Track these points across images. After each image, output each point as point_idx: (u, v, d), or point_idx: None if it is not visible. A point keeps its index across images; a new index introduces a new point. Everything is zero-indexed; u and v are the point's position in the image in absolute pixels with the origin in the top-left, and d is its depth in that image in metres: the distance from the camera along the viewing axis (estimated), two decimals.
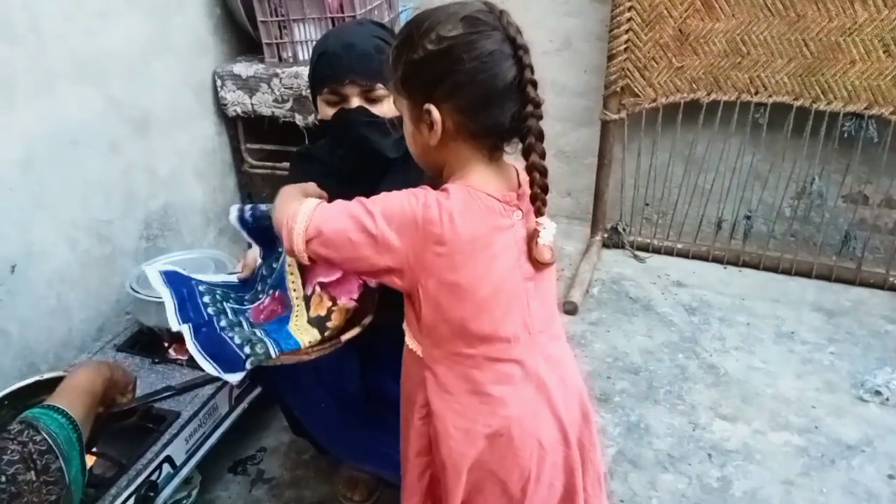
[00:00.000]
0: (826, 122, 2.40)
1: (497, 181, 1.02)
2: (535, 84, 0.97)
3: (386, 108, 1.45)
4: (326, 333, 1.19)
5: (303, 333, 1.19)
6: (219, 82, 2.29)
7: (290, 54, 2.25)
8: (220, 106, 2.34)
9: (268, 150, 2.43)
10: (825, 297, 2.46)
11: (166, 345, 1.84)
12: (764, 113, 2.46)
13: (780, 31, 2.31)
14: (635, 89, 2.55)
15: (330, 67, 1.42)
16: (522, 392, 1.04)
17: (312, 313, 1.21)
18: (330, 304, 1.21)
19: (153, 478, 1.49)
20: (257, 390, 1.86)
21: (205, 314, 1.25)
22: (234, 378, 1.12)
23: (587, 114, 2.75)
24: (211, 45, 2.29)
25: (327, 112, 1.45)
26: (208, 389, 1.68)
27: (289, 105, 2.24)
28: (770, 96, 2.41)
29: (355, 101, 1.43)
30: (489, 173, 1.02)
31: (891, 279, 2.48)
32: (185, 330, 1.19)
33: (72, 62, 1.80)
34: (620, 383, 2.08)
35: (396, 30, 2.45)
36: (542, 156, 0.99)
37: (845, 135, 2.40)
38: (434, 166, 1.06)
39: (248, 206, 1.39)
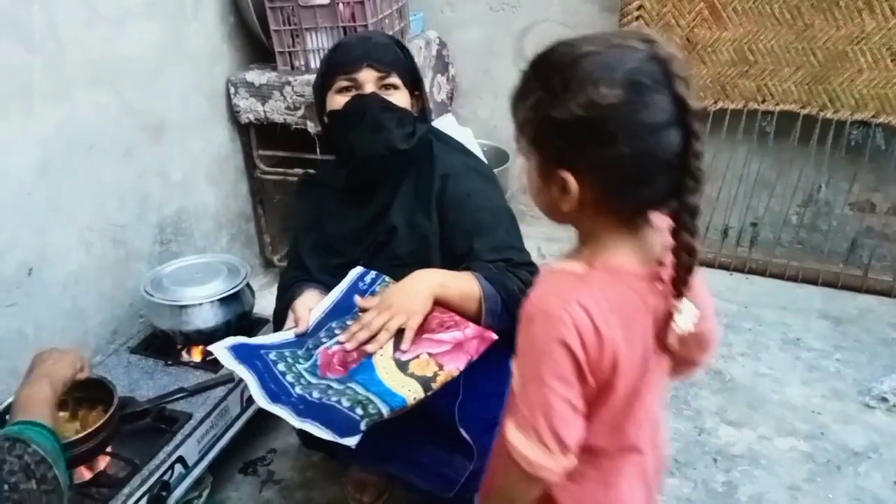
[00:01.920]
0: (833, 131, 2.41)
1: (640, 253, 0.88)
2: (700, 155, 0.81)
3: (398, 98, 1.47)
4: (429, 393, 1.19)
5: (404, 388, 1.18)
6: (232, 89, 2.33)
7: (302, 63, 2.28)
8: (233, 113, 2.37)
9: (279, 157, 2.46)
10: (832, 305, 2.47)
11: (179, 347, 1.87)
12: (771, 121, 2.48)
13: (787, 39, 2.32)
14: None
15: (346, 54, 1.45)
16: (633, 476, 0.97)
17: (418, 372, 1.21)
18: (437, 368, 1.21)
19: (165, 478, 1.51)
20: None
21: (288, 386, 1.24)
22: (353, 441, 1.11)
23: None
24: (224, 52, 2.33)
25: (339, 101, 1.45)
26: (220, 391, 1.71)
27: (300, 112, 2.26)
28: (777, 104, 2.43)
29: (369, 89, 1.44)
30: (631, 246, 0.87)
31: None
32: (283, 412, 1.18)
33: (88, 68, 1.83)
34: None
35: (406, 40, 2.49)
36: (694, 234, 0.84)
37: (852, 143, 2.41)
38: (563, 223, 0.92)
39: (369, 276, 1.42)
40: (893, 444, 1.85)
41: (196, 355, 1.86)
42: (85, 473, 1.47)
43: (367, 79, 1.44)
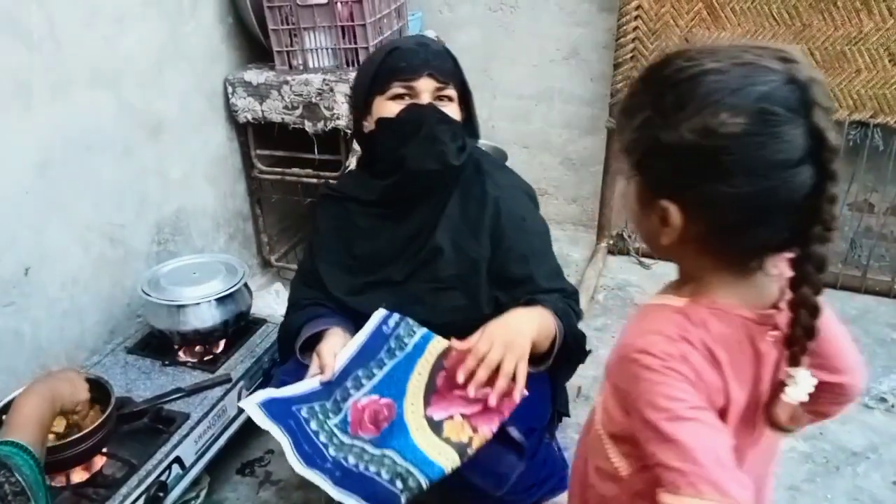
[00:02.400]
0: None
1: (750, 296, 0.78)
2: (835, 199, 0.69)
3: (452, 111, 1.42)
4: (465, 459, 1.19)
5: (441, 457, 1.18)
6: (230, 89, 2.32)
7: (300, 62, 2.28)
8: (230, 112, 2.37)
9: (277, 157, 2.46)
10: (831, 305, 2.45)
11: (176, 347, 1.86)
12: None
13: (785, 40, 2.32)
14: None
15: (405, 60, 1.38)
16: None
17: (454, 438, 1.20)
18: (471, 432, 1.21)
19: (163, 478, 1.51)
20: None
21: (321, 448, 1.24)
22: None
23: (593, 122, 2.77)
24: (223, 52, 2.33)
25: (392, 109, 1.39)
26: (217, 391, 1.71)
27: (298, 112, 2.26)
28: None
29: (426, 99, 1.38)
30: (740, 288, 0.78)
31: None
32: (319, 479, 1.18)
33: (87, 68, 1.82)
34: None
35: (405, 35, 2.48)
36: (818, 290, 0.74)
37: (851, 143, 2.41)
38: (661, 254, 0.82)
39: (392, 319, 1.40)
40: (892, 444, 1.85)
41: (192, 356, 1.86)
42: (82, 474, 1.47)
43: (425, 88, 1.38)
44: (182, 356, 1.86)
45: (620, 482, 0.86)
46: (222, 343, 1.90)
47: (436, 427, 1.22)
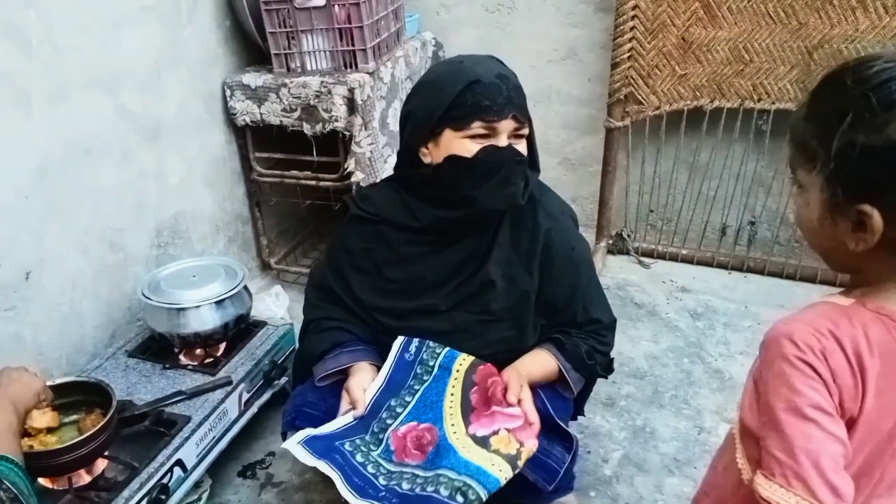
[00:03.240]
0: None
1: None
2: None
3: (523, 149, 1.38)
4: (516, 471, 1.21)
5: (494, 467, 1.19)
6: (228, 92, 2.33)
7: (298, 64, 2.28)
8: (229, 115, 2.37)
9: (276, 159, 2.46)
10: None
11: (177, 351, 1.87)
12: (767, 120, 2.48)
13: (782, 38, 2.33)
14: (639, 97, 2.58)
15: (488, 98, 1.29)
16: None
17: (503, 450, 1.22)
18: (518, 445, 1.23)
19: (164, 481, 1.51)
20: (266, 395, 1.89)
21: (371, 478, 1.23)
22: None
23: (592, 122, 2.77)
24: (220, 55, 2.33)
25: (469, 148, 1.31)
26: (218, 394, 1.71)
27: (297, 114, 2.27)
28: (773, 103, 2.43)
29: (503, 140, 1.32)
30: None
31: None
32: None
33: (85, 72, 1.83)
34: (626, 388, 2.09)
35: (402, 40, 2.49)
36: None
37: None
38: (837, 264, 0.83)
39: (412, 345, 1.42)
40: None
41: (193, 359, 1.86)
42: (84, 477, 1.47)
43: (505, 129, 1.32)
44: (182, 359, 1.86)
45: (742, 486, 0.85)
46: (222, 346, 1.90)
47: (482, 442, 1.24)
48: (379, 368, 1.43)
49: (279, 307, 2.40)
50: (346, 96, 2.18)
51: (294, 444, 1.29)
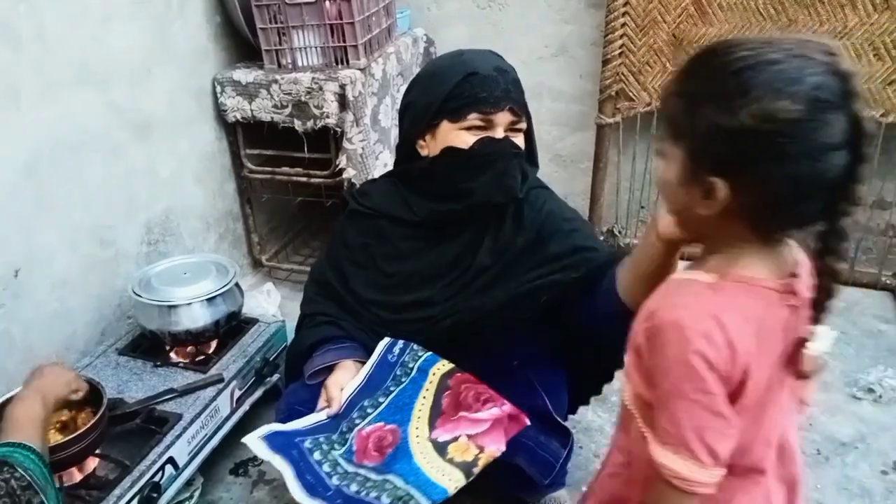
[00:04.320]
0: None
1: (772, 264, 0.84)
2: (863, 180, 0.77)
3: (520, 142, 1.37)
4: (471, 478, 1.18)
5: (445, 477, 1.17)
6: (218, 88, 2.32)
7: (289, 60, 2.27)
8: (219, 112, 2.36)
9: (266, 156, 2.45)
10: None
11: (168, 348, 1.86)
12: None
13: (772, 35, 2.34)
14: (630, 93, 2.58)
15: (485, 90, 1.30)
16: (755, 496, 0.93)
17: (458, 458, 1.20)
18: (477, 451, 1.21)
19: (156, 479, 1.51)
20: (258, 393, 1.88)
21: (324, 477, 1.23)
22: None
23: (583, 118, 2.78)
24: (211, 51, 2.32)
25: (466, 140, 1.32)
26: (210, 391, 1.71)
27: (288, 111, 2.26)
28: None
29: (500, 132, 1.32)
30: (765, 258, 0.84)
31: (883, 279, 2.51)
32: None
33: (75, 68, 1.82)
34: (617, 383, 2.09)
35: (393, 37, 2.48)
36: (841, 258, 0.81)
37: None
38: (690, 227, 0.91)
39: (397, 347, 1.41)
40: (880, 433, 1.87)
41: (184, 357, 1.86)
42: (75, 475, 1.46)
43: (502, 121, 1.32)
44: (174, 357, 1.86)
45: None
46: (214, 343, 1.89)
47: (440, 449, 1.22)
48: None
49: (271, 304, 2.39)
50: (338, 93, 2.17)
51: (253, 438, 1.30)
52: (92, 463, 1.50)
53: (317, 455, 1.27)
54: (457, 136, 1.33)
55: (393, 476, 1.19)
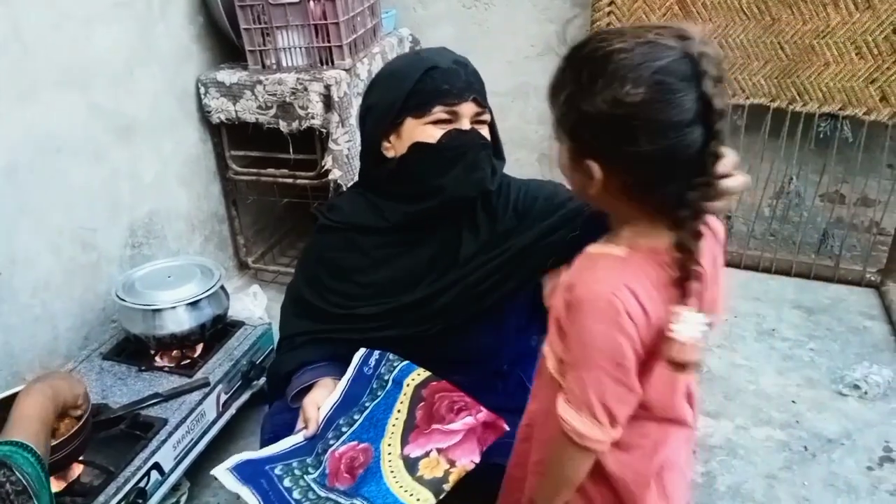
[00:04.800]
0: (802, 123, 2.45)
1: (667, 236, 0.88)
2: (717, 156, 0.82)
3: (486, 135, 1.36)
4: (441, 496, 1.15)
5: (413, 498, 1.14)
6: (202, 89, 2.30)
7: (273, 61, 2.26)
8: (203, 113, 2.34)
9: (252, 157, 2.44)
10: (804, 295, 2.51)
11: (153, 352, 1.84)
12: (742, 114, 2.50)
13: (755, 34, 2.35)
14: None
15: (448, 82, 1.29)
16: (677, 445, 1.01)
17: (427, 475, 1.17)
18: (447, 466, 1.17)
19: (142, 485, 1.49)
20: (245, 396, 1.87)
21: (293, 503, 1.20)
22: None
23: None
24: (194, 52, 2.30)
25: (433, 134, 1.30)
26: (195, 396, 1.69)
27: (273, 112, 2.24)
28: (747, 98, 2.46)
29: (466, 123, 1.31)
30: (663, 232, 0.88)
31: (868, 276, 2.53)
32: None
33: (56, 70, 1.79)
34: None
35: (378, 37, 2.47)
36: (696, 237, 0.84)
37: (821, 135, 2.44)
38: (594, 204, 0.96)
39: (373, 358, 1.38)
40: (865, 430, 1.88)
41: (169, 361, 1.84)
42: (59, 483, 1.44)
43: (467, 113, 1.31)
44: (159, 361, 1.83)
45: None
46: (199, 347, 1.88)
47: (411, 466, 1.19)
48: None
49: (257, 307, 2.38)
50: (323, 93, 2.16)
51: (221, 471, 1.27)
52: (76, 469, 1.48)
53: (287, 482, 1.24)
54: (423, 130, 1.31)
55: (360, 500, 1.16)
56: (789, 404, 1.99)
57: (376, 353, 1.39)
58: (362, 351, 1.40)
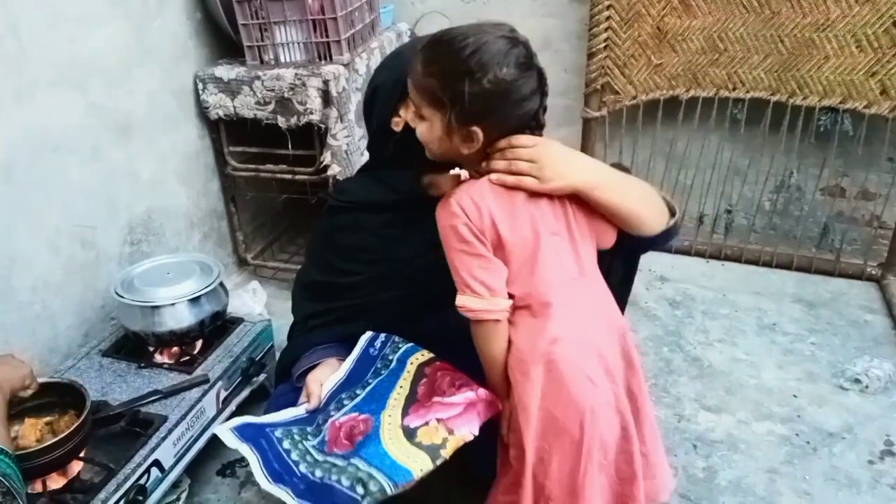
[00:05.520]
0: (802, 117, 2.44)
1: None
2: (545, 110, 1.22)
3: None
4: (438, 462, 1.15)
5: (410, 460, 1.14)
6: (200, 86, 2.29)
7: (271, 56, 2.25)
8: (201, 109, 2.33)
9: (251, 153, 2.43)
10: (805, 289, 2.50)
11: (152, 349, 1.84)
12: (742, 108, 2.50)
13: (755, 27, 2.34)
14: (615, 87, 2.58)
15: None
16: (558, 320, 1.19)
17: (425, 441, 1.17)
18: (446, 434, 1.18)
19: (142, 482, 1.49)
20: (244, 393, 1.87)
21: (292, 465, 1.22)
22: None
23: (569, 113, 2.77)
24: (191, 48, 2.29)
25: None
26: (195, 393, 1.69)
27: (271, 107, 2.24)
28: (748, 92, 2.45)
29: None
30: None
31: (868, 270, 2.53)
32: (283, 493, 1.16)
33: (52, 68, 1.79)
34: None
35: (377, 31, 2.47)
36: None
37: (821, 129, 2.44)
38: (453, 160, 1.27)
39: (378, 340, 1.41)
40: (866, 423, 1.88)
41: (169, 357, 1.84)
42: (59, 480, 1.44)
43: None
44: (158, 358, 1.83)
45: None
46: (199, 343, 1.87)
47: (410, 434, 1.20)
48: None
49: (256, 303, 2.37)
50: (321, 88, 2.16)
51: (223, 429, 1.31)
52: (76, 467, 1.48)
53: (286, 444, 1.27)
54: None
55: (357, 460, 1.17)
56: (790, 398, 1.98)
57: (382, 335, 1.42)
58: (369, 333, 1.43)
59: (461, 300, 1.18)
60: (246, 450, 1.25)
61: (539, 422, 1.17)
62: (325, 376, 1.41)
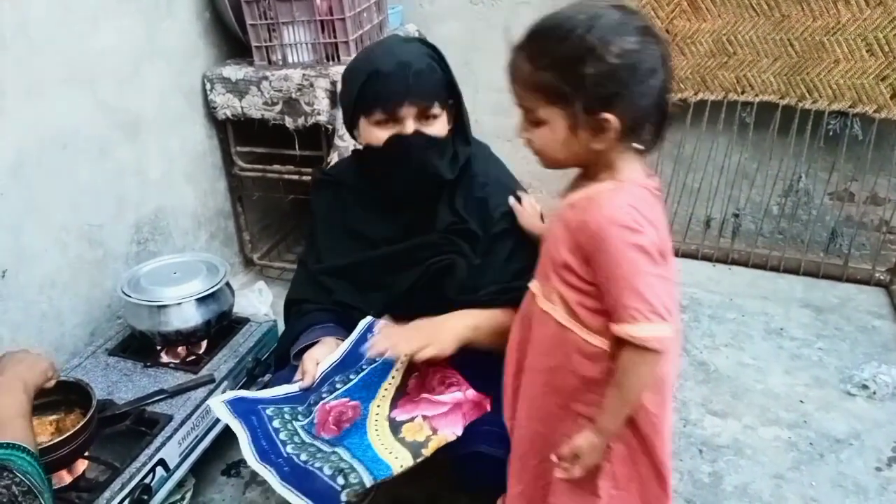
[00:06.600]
0: (812, 121, 2.43)
1: (641, 169, 1.06)
2: (672, 91, 1.04)
3: (439, 127, 1.39)
4: (419, 460, 1.17)
5: (392, 455, 1.17)
6: (208, 86, 2.30)
7: (279, 57, 2.25)
8: (209, 109, 2.34)
9: (258, 153, 2.43)
10: (813, 294, 2.49)
11: (158, 349, 1.84)
12: (751, 112, 2.49)
13: (765, 30, 2.33)
14: None
15: (385, 88, 1.32)
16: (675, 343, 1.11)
17: (409, 437, 1.20)
18: (430, 433, 1.20)
19: (147, 481, 1.49)
20: None
21: (279, 445, 1.24)
22: None
23: None
24: (200, 48, 2.30)
25: (377, 136, 1.36)
26: (201, 392, 1.69)
27: (279, 108, 2.24)
28: (756, 95, 2.44)
29: (410, 124, 1.35)
30: (634, 165, 1.05)
31: (877, 275, 2.51)
32: (268, 473, 1.18)
33: (62, 66, 1.79)
34: None
35: (385, 32, 2.46)
36: (659, 145, 1.08)
37: (830, 133, 2.42)
38: (579, 164, 1.10)
39: (377, 326, 1.42)
40: (874, 430, 1.87)
41: (174, 357, 1.84)
42: (64, 478, 1.45)
43: (408, 115, 1.34)
44: (164, 357, 1.84)
45: (601, 359, 1.07)
46: (205, 343, 1.88)
47: (395, 428, 1.22)
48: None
49: (262, 303, 2.38)
50: (329, 89, 2.16)
51: (216, 402, 1.33)
52: (81, 465, 1.48)
53: (276, 423, 1.29)
54: (370, 132, 1.38)
55: (342, 449, 1.19)
56: (797, 404, 1.97)
57: (380, 322, 1.43)
58: (368, 318, 1.44)
59: (649, 332, 0.98)
60: (237, 426, 1.27)
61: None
62: (322, 355, 1.42)
